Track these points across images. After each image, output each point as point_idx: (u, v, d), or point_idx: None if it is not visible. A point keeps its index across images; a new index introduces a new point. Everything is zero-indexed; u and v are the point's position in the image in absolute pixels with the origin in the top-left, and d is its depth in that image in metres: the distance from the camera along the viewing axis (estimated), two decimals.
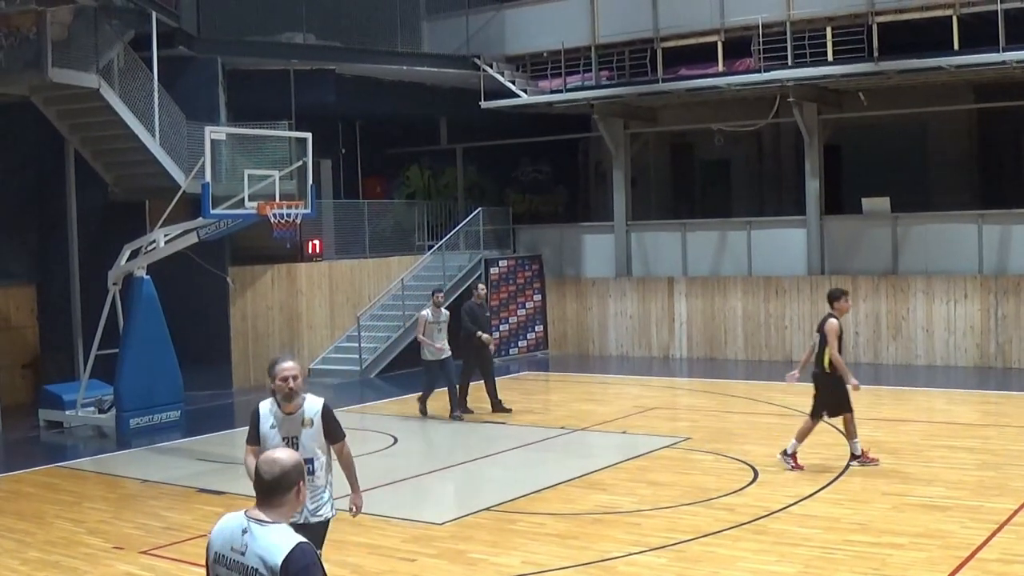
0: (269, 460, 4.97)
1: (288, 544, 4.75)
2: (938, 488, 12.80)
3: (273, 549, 4.73)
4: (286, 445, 7.44)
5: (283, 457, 5.00)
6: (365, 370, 24.68)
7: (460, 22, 27.70)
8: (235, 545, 4.85)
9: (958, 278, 23.07)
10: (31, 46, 18.87)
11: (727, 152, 29.98)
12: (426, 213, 29.40)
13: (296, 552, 4.72)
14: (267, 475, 4.90)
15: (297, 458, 5.04)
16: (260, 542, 4.78)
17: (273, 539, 4.77)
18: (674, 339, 26.49)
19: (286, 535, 4.80)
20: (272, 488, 4.89)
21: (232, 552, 4.86)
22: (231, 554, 4.86)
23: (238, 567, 4.82)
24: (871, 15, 22.09)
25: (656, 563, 10.38)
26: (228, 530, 4.93)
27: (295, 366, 7.82)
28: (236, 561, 4.83)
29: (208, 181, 17.20)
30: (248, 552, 4.79)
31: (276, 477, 4.90)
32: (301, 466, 5.02)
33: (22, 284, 22.61)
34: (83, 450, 17.99)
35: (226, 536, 4.92)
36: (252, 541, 4.80)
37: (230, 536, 4.90)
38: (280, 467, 4.92)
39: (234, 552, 4.85)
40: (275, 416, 7.80)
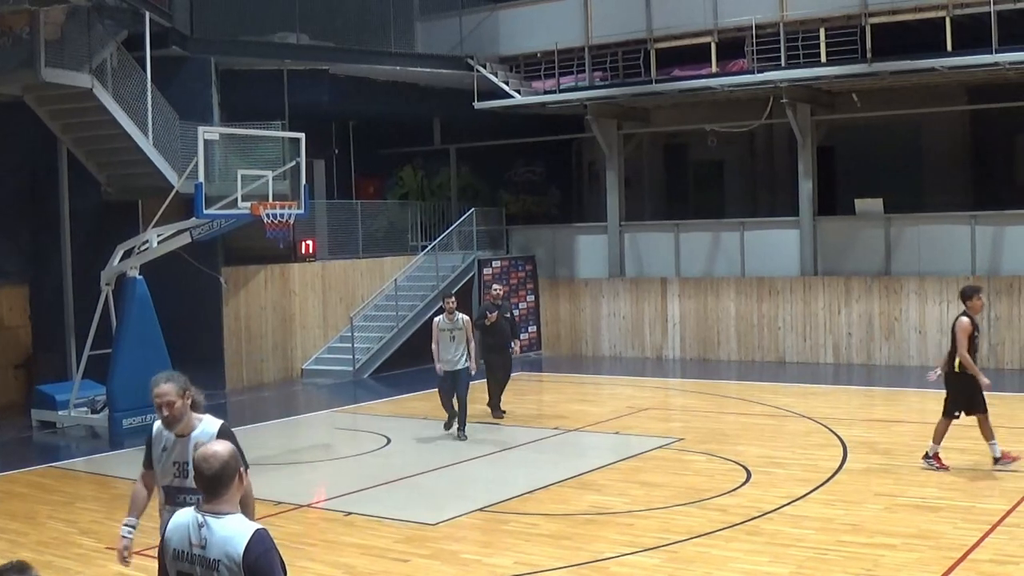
0: (207, 455, 5.03)
1: (247, 532, 4.88)
2: (930, 489, 12.82)
3: (234, 538, 4.86)
4: (177, 472, 6.88)
5: (219, 449, 5.07)
6: (358, 370, 24.67)
7: (454, 22, 27.70)
8: (194, 540, 4.93)
9: (951, 279, 23.08)
10: (24, 46, 18.87)
11: (720, 153, 29.98)
12: (419, 213, 29.39)
13: (255, 538, 4.86)
14: (208, 470, 4.98)
15: (232, 448, 5.13)
16: (219, 534, 4.89)
17: (231, 529, 4.89)
18: (667, 340, 26.50)
19: (242, 524, 4.93)
20: (215, 481, 4.97)
21: (192, 547, 4.93)
22: (191, 549, 4.94)
23: (200, 561, 4.90)
24: (864, 16, 22.12)
25: (649, 564, 10.38)
26: (183, 526, 5.01)
27: (171, 389, 6.82)
28: (197, 555, 4.91)
29: (201, 181, 17.19)
30: (209, 545, 4.89)
31: (216, 471, 4.98)
32: (237, 455, 5.13)
33: (15, 284, 22.59)
34: (76, 450, 17.97)
35: (182, 533, 5.00)
36: (211, 534, 4.90)
37: (186, 532, 4.98)
38: (219, 460, 5.00)
39: (194, 547, 4.93)
40: (166, 439, 6.99)
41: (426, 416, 19.05)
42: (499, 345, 18.78)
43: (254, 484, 5.49)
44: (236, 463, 5.05)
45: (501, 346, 18.80)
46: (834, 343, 24.35)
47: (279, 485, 14.42)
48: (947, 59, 21.42)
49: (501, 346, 18.80)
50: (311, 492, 14.32)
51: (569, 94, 26.09)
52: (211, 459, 5.00)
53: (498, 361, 18.85)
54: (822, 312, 24.49)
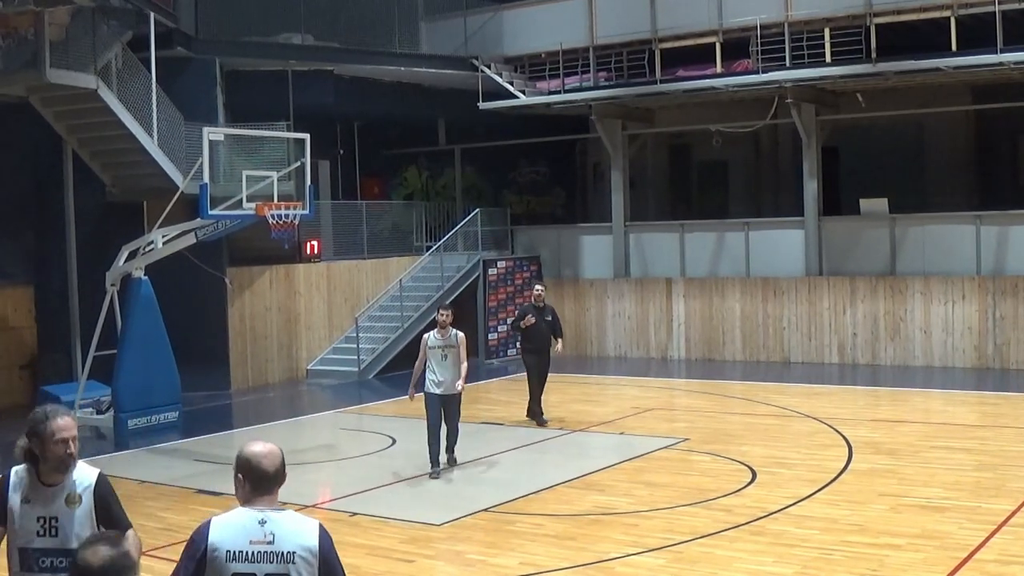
0: (263, 452, 5.02)
1: (314, 524, 4.96)
2: (936, 489, 12.81)
3: (304, 531, 4.91)
4: (42, 529, 5.72)
5: (274, 449, 5.06)
6: (363, 371, 24.67)
7: (458, 23, 27.70)
8: (256, 538, 4.86)
9: (956, 279, 23.07)
10: (29, 47, 18.89)
11: (725, 153, 29.94)
12: (424, 214, 29.39)
13: (323, 530, 4.95)
14: (270, 467, 4.98)
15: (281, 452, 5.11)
16: (288, 527, 4.89)
17: (297, 522, 4.94)
18: (672, 340, 26.49)
19: (304, 517, 4.99)
20: (275, 478, 5.01)
21: (254, 545, 4.85)
22: (253, 547, 4.84)
23: (266, 556, 4.83)
24: (869, 16, 22.10)
25: (654, 564, 10.38)
26: (238, 526, 4.91)
27: (73, 423, 5.89)
28: (262, 552, 4.83)
29: (206, 182, 17.21)
30: (278, 539, 4.84)
31: (279, 467, 5.02)
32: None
33: (20, 285, 22.62)
34: (81, 451, 17.90)
35: (239, 532, 4.89)
36: (278, 528, 4.87)
37: (245, 530, 4.89)
38: (279, 458, 5.02)
39: (257, 544, 4.85)
40: (28, 487, 5.79)
41: None
42: (537, 348, 18.35)
43: None
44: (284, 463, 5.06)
45: (540, 349, 18.34)
46: (839, 343, 24.33)
47: (284, 486, 14.41)
48: (952, 59, 21.40)
49: (540, 349, 18.34)
50: (316, 492, 14.32)
51: (573, 94, 26.09)
52: (274, 457, 5.01)
53: (534, 362, 18.36)
54: (827, 312, 24.47)
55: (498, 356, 27.05)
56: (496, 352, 27.12)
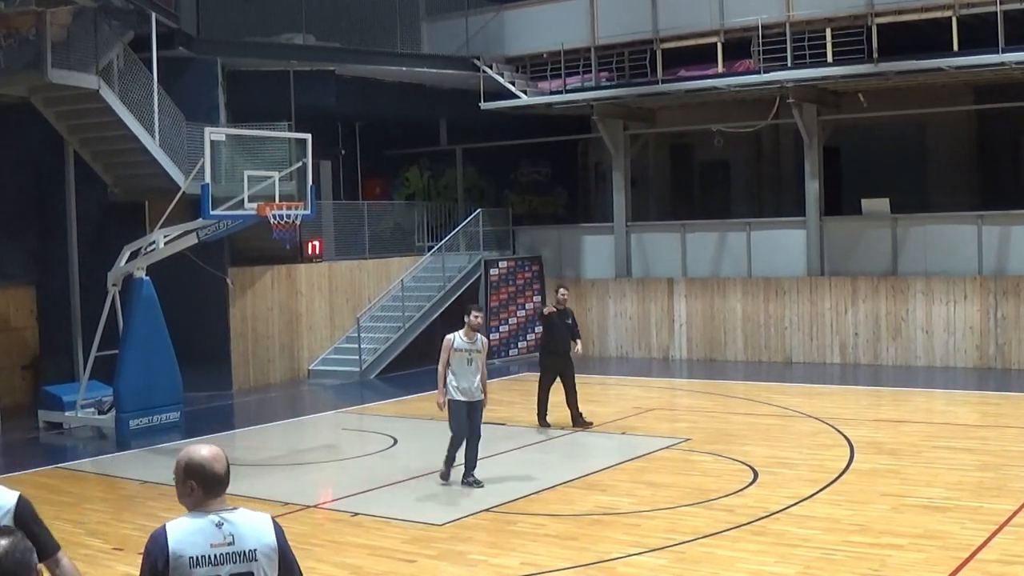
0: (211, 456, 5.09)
1: (266, 518, 5.04)
2: (938, 489, 12.80)
3: (262, 528, 4.98)
4: None
5: (220, 452, 5.15)
6: (365, 371, 24.67)
7: (460, 23, 27.71)
8: (215, 541, 4.90)
9: (957, 279, 23.07)
10: (30, 47, 18.89)
11: (726, 153, 29.93)
12: (426, 214, 29.39)
13: (275, 523, 5.03)
14: (222, 469, 5.05)
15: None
16: (245, 526, 4.96)
17: (252, 519, 5.00)
18: (674, 340, 26.49)
19: (255, 513, 5.05)
20: (225, 480, 5.06)
21: (215, 548, 4.89)
22: (214, 550, 4.88)
23: (229, 558, 4.88)
24: (870, 16, 22.10)
25: (655, 564, 10.37)
26: (196, 531, 4.95)
27: None
28: (225, 554, 4.88)
29: (208, 182, 17.22)
30: (237, 539, 4.90)
31: (224, 471, 5.07)
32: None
33: (21, 285, 22.62)
34: (83, 451, 17.99)
35: (198, 537, 4.92)
36: (236, 529, 4.93)
37: (204, 535, 4.92)
38: (225, 462, 5.10)
39: (218, 547, 4.89)
40: None
41: (432, 417, 19.03)
42: (559, 350, 17.97)
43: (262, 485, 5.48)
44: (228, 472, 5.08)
45: (562, 351, 17.97)
46: (841, 343, 24.33)
47: (286, 485, 14.44)
48: (953, 59, 21.40)
49: (562, 351, 17.97)
50: (318, 493, 14.33)
51: (575, 95, 26.09)
52: (221, 460, 5.08)
53: (553, 364, 17.92)
54: (829, 312, 24.47)
55: (500, 356, 27.04)
56: (498, 352, 27.11)
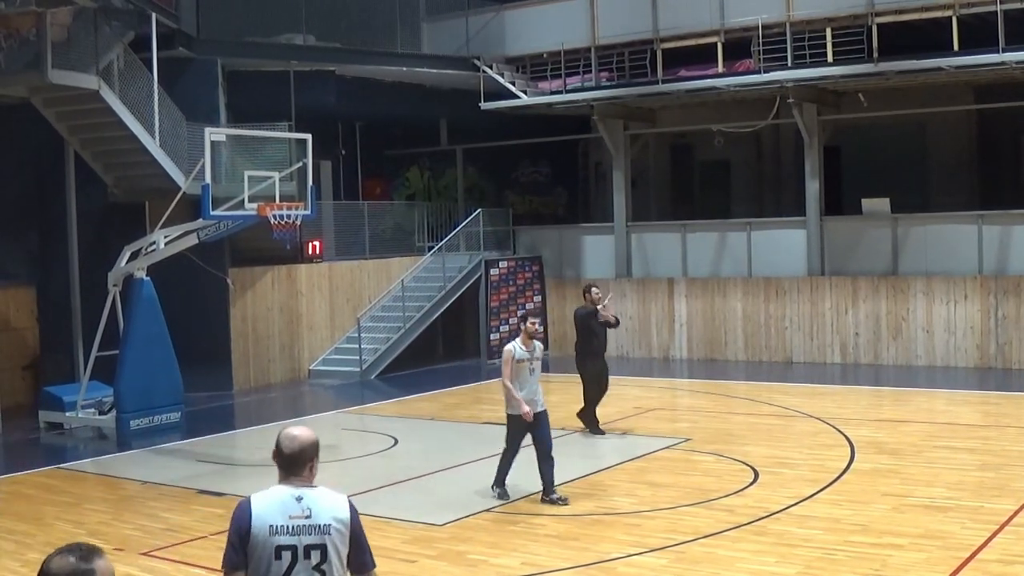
0: (289, 436, 5.44)
1: (344, 498, 5.43)
2: (938, 489, 12.80)
3: (337, 505, 5.36)
4: None
5: (300, 433, 5.46)
6: (365, 371, 24.67)
7: (460, 23, 27.71)
8: (294, 513, 5.27)
9: (958, 279, 23.07)
10: (31, 47, 18.91)
11: (727, 153, 29.94)
12: (426, 214, 29.41)
13: (351, 504, 5.42)
14: (287, 449, 5.41)
15: (314, 436, 5.49)
16: (322, 502, 5.33)
17: (330, 497, 5.38)
18: (674, 340, 26.49)
19: (335, 493, 5.43)
20: (293, 460, 5.39)
21: (293, 520, 5.26)
22: (292, 521, 5.25)
23: (305, 529, 5.24)
24: (871, 16, 22.10)
25: (656, 564, 10.37)
26: (277, 503, 5.32)
27: None
28: (301, 526, 5.25)
29: (208, 182, 17.21)
30: (314, 513, 5.28)
31: (295, 450, 5.40)
32: (317, 443, 5.49)
33: (22, 285, 22.62)
34: (83, 451, 17.99)
35: (278, 508, 5.30)
36: (313, 504, 5.31)
37: (283, 507, 5.30)
38: (299, 443, 5.42)
39: (296, 519, 5.26)
40: None
41: (433, 417, 19.07)
42: (599, 352, 17.32)
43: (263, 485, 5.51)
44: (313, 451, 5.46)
45: (601, 353, 17.42)
46: (841, 343, 24.33)
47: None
48: (954, 59, 21.40)
49: (601, 353, 17.42)
50: None
51: (575, 95, 26.09)
52: (293, 440, 5.42)
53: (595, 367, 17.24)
54: (829, 312, 24.47)
55: (500, 356, 26.96)
56: (498, 352, 27.03)
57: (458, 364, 26.82)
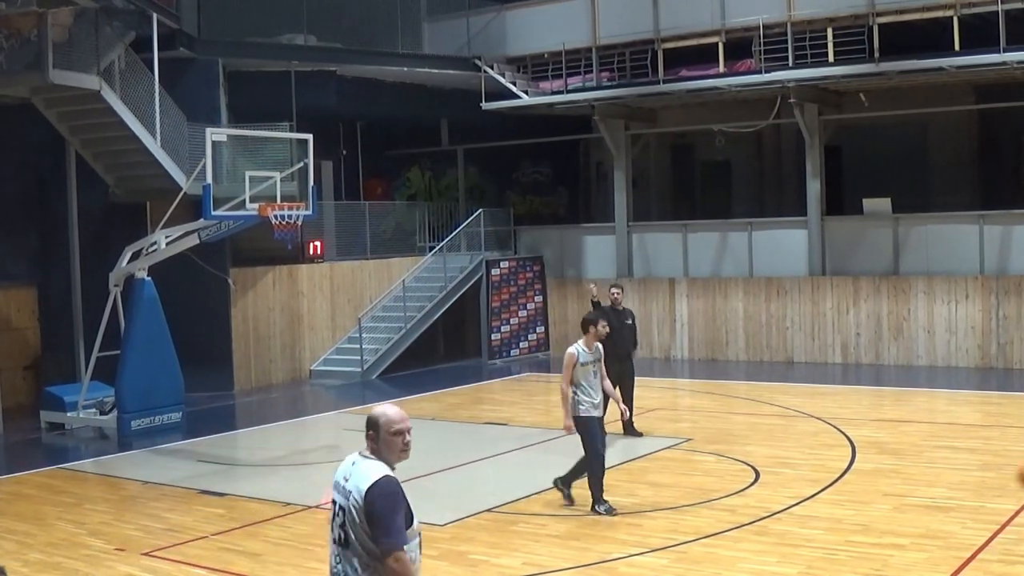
0: (379, 411, 5.92)
1: (375, 476, 5.72)
2: (940, 489, 12.80)
3: (365, 478, 5.72)
4: None
5: (389, 411, 5.95)
6: (366, 371, 24.67)
7: (461, 23, 27.71)
8: (345, 474, 5.87)
9: (959, 279, 23.06)
10: (32, 48, 18.91)
11: (728, 153, 29.97)
12: (427, 214, 29.41)
13: (380, 482, 5.70)
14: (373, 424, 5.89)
15: (403, 413, 5.95)
16: (359, 471, 5.79)
17: (367, 470, 5.76)
18: (675, 340, 26.48)
19: (376, 469, 5.76)
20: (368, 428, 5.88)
21: (342, 480, 5.86)
22: (342, 481, 5.85)
23: (342, 491, 5.82)
24: (872, 16, 22.09)
25: (657, 564, 10.38)
26: (345, 462, 5.95)
27: None
28: (342, 487, 5.83)
29: (209, 182, 17.20)
30: (350, 479, 5.80)
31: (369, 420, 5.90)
32: (406, 420, 5.95)
33: (23, 285, 22.63)
34: (84, 452, 18.00)
35: (342, 467, 5.94)
36: (354, 471, 5.82)
37: (344, 467, 5.92)
38: (385, 418, 5.89)
39: (343, 479, 5.85)
40: None
41: (434, 417, 19.06)
42: (620, 355, 16.22)
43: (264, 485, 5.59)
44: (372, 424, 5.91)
45: (624, 355, 16.52)
46: (842, 343, 24.33)
47: (288, 486, 14.44)
48: (955, 59, 21.39)
49: (624, 355, 16.52)
50: (320, 493, 14.32)
51: (576, 95, 26.08)
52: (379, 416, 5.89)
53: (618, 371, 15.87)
54: (830, 312, 24.47)
55: (501, 356, 27.05)
56: (499, 352, 27.12)
57: (459, 364, 26.82)
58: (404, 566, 5.65)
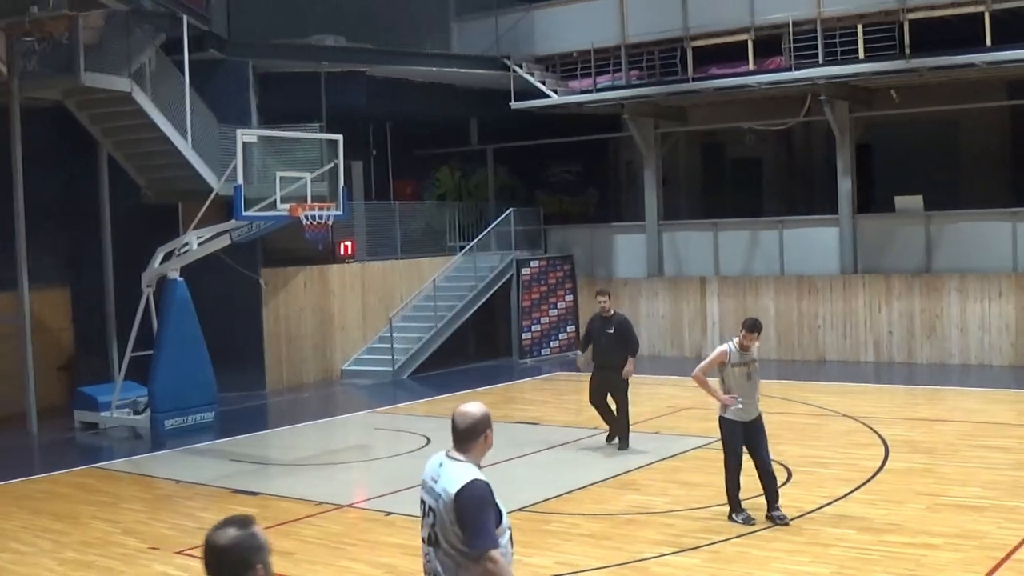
0: (462, 412, 5.99)
1: (466, 478, 5.75)
2: (973, 488, 12.73)
3: (454, 481, 5.74)
4: None
5: (473, 409, 6.02)
6: (397, 371, 24.72)
7: (490, 23, 27.73)
8: (433, 475, 5.89)
9: (992, 276, 22.93)
10: (63, 51, 19.04)
11: (758, 151, 29.87)
12: (457, 214, 29.44)
13: (470, 485, 5.73)
14: (460, 424, 5.95)
15: (485, 410, 6.04)
16: (447, 474, 5.82)
17: (457, 473, 5.78)
18: (707, 339, 26.41)
19: (468, 471, 5.80)
20: (464, 434, 5.94)
21: (430, 480, 5.89)
22: (430, 481, 5.89)
23: (431, 492, 5.86)
24: (902, 12, 21.97)
25: (689, 564, 10.36)
26: (432, 463, 5.98)
27: None
28: (431, 487, 5.87)
29: (240, 183, 17.27)
30: (439, 481, 5.83)
31: (467, 426, 5.95)
32: (488, 416, 6.03)
33: (56, 287, 22.76)
34: (118, 451, 18.09)
35: (429, 467, 5.97)
36: (443, 473, 5.85)
37: (431, 468, 5.94)
38: (471, 418, 5.96)
39: (432, 480, 5.88)
40: None
41: None
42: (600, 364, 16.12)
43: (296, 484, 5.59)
44: (485, 424, 6.01)
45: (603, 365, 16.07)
46: (875, 341, 24.22)
47: (319, 485, 14.49)
48: (986, 54, 21.28)
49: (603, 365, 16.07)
50: (351, 492, 14.37)
51: (605, 93, 26.06)
52: (465, 416, 5.97)
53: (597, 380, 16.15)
54: (862, 310, 24.36)
55: (532, 356, 27.05)
56: (530, 352, 27.12)
57: (490, 364, 26.83)
58: (499, 567, 5.69)
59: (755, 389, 11.84)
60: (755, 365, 11.95)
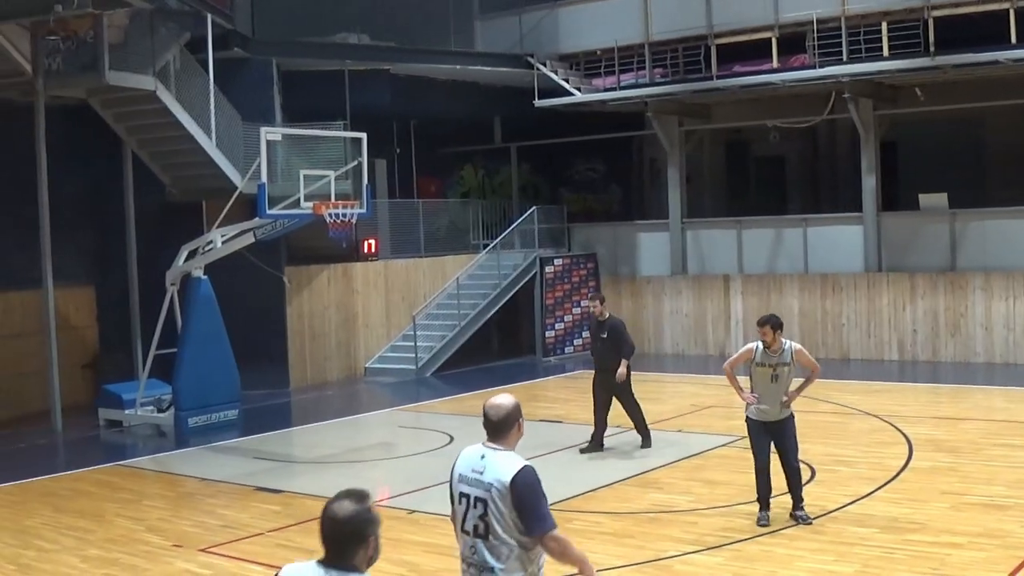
0: (494, 404, 6.09)
1: (517, 465, 5.91)
2: (998, 487, 12.67)
3: (505, 470, 5.87)
4: None
5: (504, 401, 6.10)
6: (421, 369, 24.75)
7: (513, 21, 27.72)
8: (475, 467, 5.98)
9: (1017, 274, 22.81)
10: (88, 49, 19.10)
11: (782, 149, 29.78)
12: (481, 212, 29.45)
13: (524, 471, 5.89)
14: (494, 416, 6.06)
15: (515, 400, 6.14)
16: (494, 464, 5.93)
17: (506, 462, 5.92)
18: (730, 337, 26.36)
19: (515, 459, 5.95)
20: (497, 425, 6.04)
21: (473, 472, 5.98)
22: (472, 474, 5.98)
23: (477, 483, 5.93)
24: (927, 9, 21.88)
25: (712, 562, 10.35)
26: (470, 456, 6.07)
27: None
28: (476, 479, 5.95)
29: (264, 181, 17.30)
30: (486, 472, 5.92)
31: (501, 417, 6.04)
32: (519, 406, 6.13)
33: (81, 285, 22.86)
34: (142, 449, 18.16)
35: (468, 461, 6.05)
36: (489, 464, 5.95)
37: (471, 461, 6.03)
38: (504, 409, 6.05)
39: (474, 472, 5.97)
40: None
41: None
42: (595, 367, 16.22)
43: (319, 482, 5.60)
44: (517, 414, 6.10)
45: (598, 367, 16.13)
46: (899, 340, 24.13)
47: (342, 483, 14.46)
48: (1011, 51, 21.16)
49: (598, 367, 16.13)
50: (374, 490, 14.33)
51: (629, 91, 26.02)
52: (498, 409, 6.07)
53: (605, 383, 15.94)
54: (887, 308, 24.27)
55: (555, 354, 27.03)
56: (554, 350, 27.10)
57: (513, 362, 26.85)
58: (563, 544, 5.90)
59: (780, 392, 11.48)
60: (784, 369, 11.47)
